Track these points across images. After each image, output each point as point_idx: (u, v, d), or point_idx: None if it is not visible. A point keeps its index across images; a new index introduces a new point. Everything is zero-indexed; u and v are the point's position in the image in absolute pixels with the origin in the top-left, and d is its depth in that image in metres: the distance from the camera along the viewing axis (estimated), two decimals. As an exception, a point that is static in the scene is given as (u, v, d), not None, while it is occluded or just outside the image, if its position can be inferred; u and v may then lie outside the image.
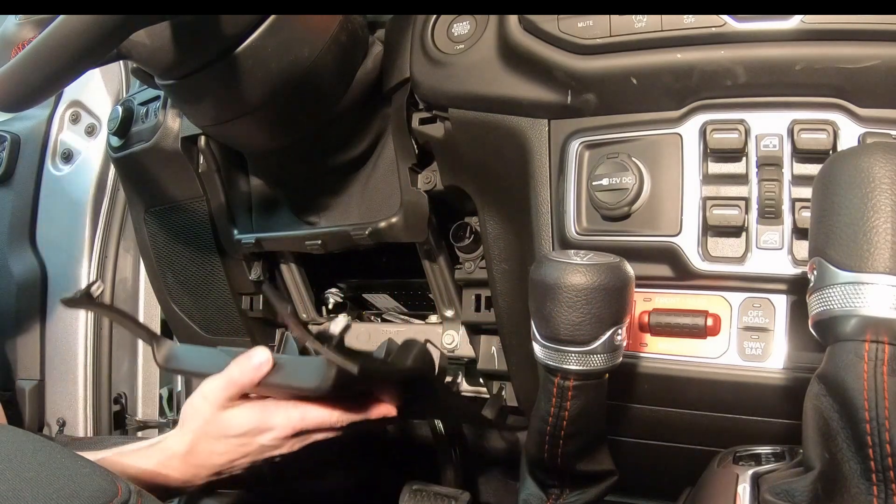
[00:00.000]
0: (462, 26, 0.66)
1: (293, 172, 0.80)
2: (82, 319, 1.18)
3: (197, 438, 0.66)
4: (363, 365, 0.52)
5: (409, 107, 0.71)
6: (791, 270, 0.54)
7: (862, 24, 0.50)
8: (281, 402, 0.66)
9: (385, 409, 0.68)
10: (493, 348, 0.81)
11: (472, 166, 0.69)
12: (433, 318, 0.91)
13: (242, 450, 0.66)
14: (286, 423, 0.65)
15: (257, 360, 0.63)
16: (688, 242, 0.56)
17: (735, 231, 0.55)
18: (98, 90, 1.21)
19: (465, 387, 0.91)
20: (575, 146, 0.60)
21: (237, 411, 0.65)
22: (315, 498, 1.21)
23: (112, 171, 1.17)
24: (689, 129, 0.56)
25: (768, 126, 0.54)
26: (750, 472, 0.50)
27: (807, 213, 0.51)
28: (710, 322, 0.56)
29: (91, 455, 0.62)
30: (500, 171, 0.67)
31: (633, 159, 0.57)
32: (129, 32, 0.51)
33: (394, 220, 0.73)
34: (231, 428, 0.65)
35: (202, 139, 0.86)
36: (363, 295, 0.98)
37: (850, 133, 0.52)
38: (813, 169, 0.53)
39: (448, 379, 0.90)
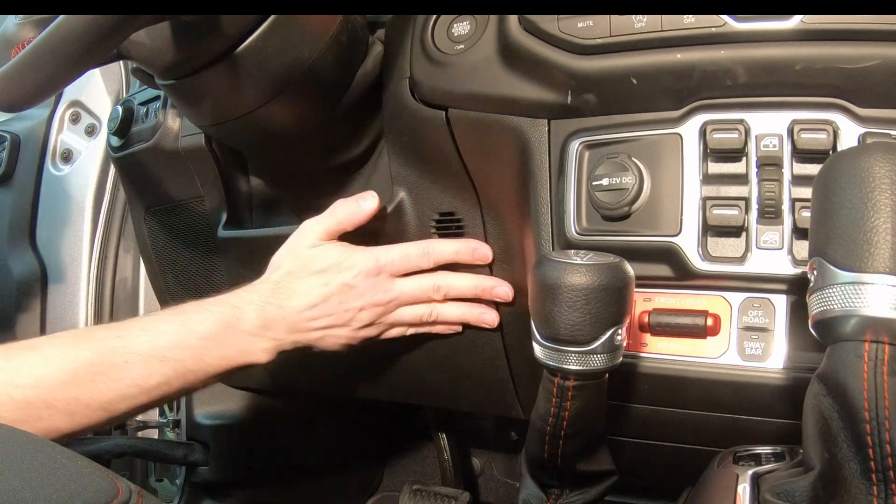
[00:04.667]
0: (462, 26, 0.65)
1: (293, 172, 0.80)
2: (82, 320, 1.18)
3: (282, 277, 0.65)
4: None
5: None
6: (791, 270, 0.54)
7: (862, 24, 0.50)
8: (369, 246, 0.66)
9: (476, 245, 0.68)
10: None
11: (472, 166, 0.69)
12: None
13: (325, 290, 0.64)
14: (366, 258, 0.66)
15: (367, 201, 0.66)
16: (688, 242, 0.56)
17: (735, 231, 0.55)
18: (98, 90, 1.21)
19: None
20: (575, 146, 0.60)
21: (323, 247, 0.65)
22: (313, 498, 1.21)
23: (112, 171, 1.17)
24: (689, 129, 0.56)
25: (768, 126, 0.54)
26: (750, 472, 0.51)
27: (807, 213, 0.51)
28: (710, 322, 0.56)
29: (143, 325, 0.60)
30: (500, 170, 0.67)
31: (633, 159, 0.57)
32: (129, 32, 0.51)
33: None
34: (315, 262, 0.65)
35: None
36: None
37: (850, 133, 0.52)
38: (813, 169, 0.53)
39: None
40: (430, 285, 0.68)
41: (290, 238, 0.68)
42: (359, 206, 0.67)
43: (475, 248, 0.69)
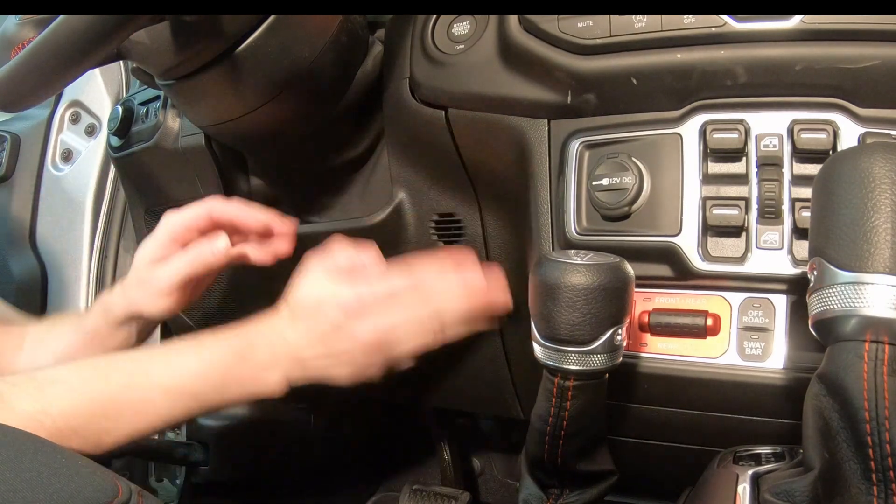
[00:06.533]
0: (462, 26, 0.66)
1: (293, 172, 0.80)
2: (82, 319, 1.18)
3: (286, 312, 0.66)
4: None
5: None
6: (791, 270, 0.54)
7: (862, 24, 0.50)
8: (356, 284, 0.66)
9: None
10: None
11: (471, 166, 0.69)
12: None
13: (315, 328, 0.65)
14: (351, 297, 0.64)
15: (367, 252, 0.66)
16: (688, 242, 0.56)
17: (735, 231, 0.55)
18: (98, 90, 1.20)
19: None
20: (575, 146, 0.60)
21: (314, 288, 0.66)
22: (313, 498, 1.21)
23: (112, 171, 1.17)
24: (689, 129, 0.56)
25: (768, 126, 0.54)
26: (750, 472, 0.51)
27: (807, 213, 0.51)
28: (710, 322, 0.56)
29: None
30: (500, 171, 0.67)
31: (633, 159, 0.57)
32: (129, 32, 0.51)
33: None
34: (306, 301, 0.65)
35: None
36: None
37: (850, 133, 0.52)
38: (813, 169, 0.53)
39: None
40: (426, 313, 0.65)
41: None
42: (358, 255, 0.67)
43: (460, 258, 0.65)
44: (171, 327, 1.10)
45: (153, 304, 0.71)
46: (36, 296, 1.21)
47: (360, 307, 0.64)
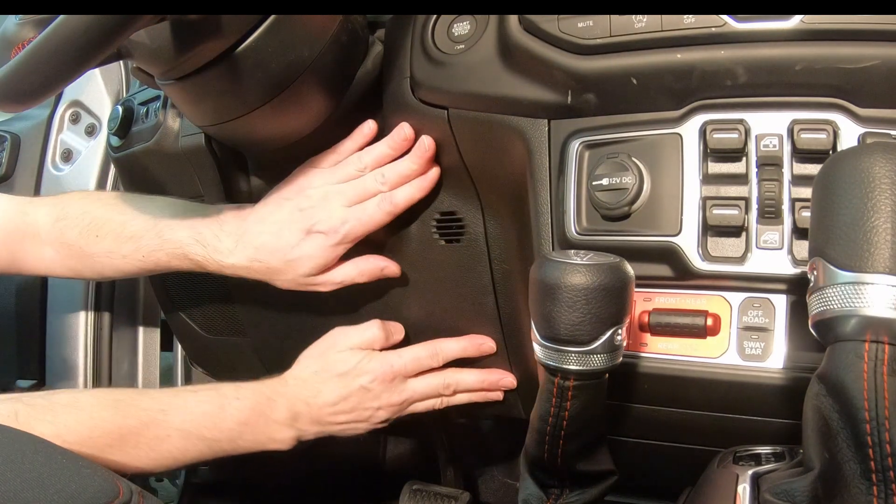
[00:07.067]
0: (462, 26, 0.66)
1: (294, 172, 0.80)
2: (82, 319, 1.18)
3: (310, 376, 0.72)
4: None
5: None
6: (791, 270, 0.54)
7: (862, 24, 0.50)
8: (383, 351, 0.74)
9: (481, 341, 0.75)
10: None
11: (473, 165, 0.69)
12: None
13: (345, 392, 0.71)
14: (381, 364, 0.72)
15: (397, 334, 0.75)
16: (688, 242, 0.56)
17: (735, 231, 0.55)
18: (98, 90, 1.20)
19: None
20: (575, 146, 0.60)
21: (346, 353, 0.73)
22: (314, 498, 1.21)
23: (112, 171, 1.17)
24: (689, 129, 0.57)
25: (768, 126, 0.54)
26: (750, 472, 0.51)
27: (807, 213, 0.51)
28: (710, 322, 0.56)
29: (160, 395, 0.67)
30: (501, 170, 0.67)
31: (633, 159, 0.57)
32: (130, 32, 0.51)
33: None
34: (338, 366, 0.72)
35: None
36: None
37: (850, 133, 0.52)
38: (813, 169, 0.53)
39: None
40: (440, 383, 0.75)
41: (321, 339, 0.75)
42: (390, 335, 0.76)
43: (480, 344, 0.76)
44: (172, 328, 1.10)
45: (287, 285, 0.73)
46: (36, 296, 1.21)
47: (392, 375, 0.72)
